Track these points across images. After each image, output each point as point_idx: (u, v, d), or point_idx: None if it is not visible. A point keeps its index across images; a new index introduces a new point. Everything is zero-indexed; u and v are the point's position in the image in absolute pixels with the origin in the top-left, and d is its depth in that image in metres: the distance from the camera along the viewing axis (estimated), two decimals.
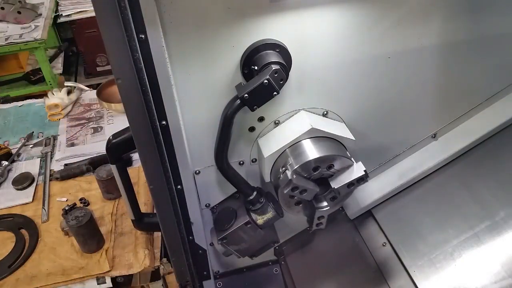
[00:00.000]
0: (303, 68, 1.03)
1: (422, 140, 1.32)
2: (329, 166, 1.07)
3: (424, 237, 1.24)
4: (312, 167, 1.06)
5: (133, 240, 1.52)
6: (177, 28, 0.88)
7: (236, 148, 1.16)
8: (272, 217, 1.19)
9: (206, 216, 1.29)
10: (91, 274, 1.42)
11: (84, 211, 1.42)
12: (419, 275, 1.20)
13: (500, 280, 1.07)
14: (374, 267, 1.32)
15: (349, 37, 1.01)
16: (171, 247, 1.13)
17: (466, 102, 1.27)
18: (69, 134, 2.04)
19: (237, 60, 0.97)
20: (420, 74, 1.14)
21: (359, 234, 1.41)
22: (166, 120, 0.95)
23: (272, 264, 1.59)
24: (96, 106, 2.22)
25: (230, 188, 1.23)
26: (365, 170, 1.07)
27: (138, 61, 0.80)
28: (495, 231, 1.13)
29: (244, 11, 0.90)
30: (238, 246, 1.25)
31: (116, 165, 1.19)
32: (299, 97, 1.09)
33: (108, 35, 0.74)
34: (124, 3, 0.72)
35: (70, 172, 1.79)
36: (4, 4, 2.92)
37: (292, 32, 0.96)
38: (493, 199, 1.18)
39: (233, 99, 1.00)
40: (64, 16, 3.17)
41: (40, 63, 2.94)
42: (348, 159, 1.08)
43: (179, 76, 0.96)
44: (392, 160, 1.35)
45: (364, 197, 1.38)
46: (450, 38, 1.08)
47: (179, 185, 1.09)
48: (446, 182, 1.30)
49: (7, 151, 1.90)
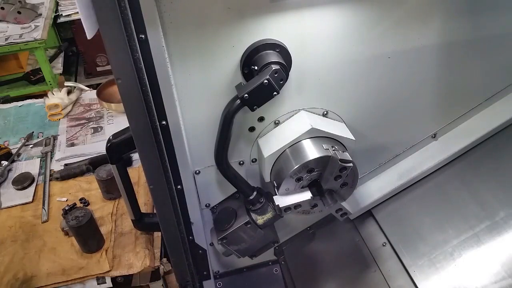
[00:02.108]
0: (303, 68, 1.03)
1: (422, 140, 1.32)
2: (310, 170, 1.08)
3: (424, 237, 1.24)
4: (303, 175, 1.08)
5: (133, 240, 1.52)
6: (177, 28, 0.88)
7: (236, 148, 1.16)
8: (272, 217, 1.19)
9: (206, 216, 1.29)
10: (91, 274, 1.42)
11: (84, 211, 1.42)
12: (419, 275, 1.20)
13: (500, 280, 1.07)
14: (374, 267, 1.32)
15: (349, 37, 1.01)
16: (171, 247, 1.13)
17: (466, 102, 1.27)
18: (69, 134, 2.04)
19: (237, 60, 0.97)
20: (420, 74, 1.14)
21: (359, 234, 1.41)
22: (166, 120, 0.95)
23: (272, 264, 1.59)
24: (96, 106, 2.22)
25: (230, 188, 1.23)
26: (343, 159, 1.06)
27: (138, 61, 0.80)
28: (495, 231, 1.13)
29: (244, 11, 0.90)
30: (238, 246, 1.25)
31: (116, 165, 1.19)
32: (299, 97, 1.09)
33: (108, 35, 0.74)
34: (124, 3, 0.72)
35: (70, 172, 1.79)
36: (4, 4, 2.92)
37: (292, 32, 0.96)
38: (493, 199, 1.18)
39: (233, 99, 1.00)
40: (64, 16, 3.17)
41: (40, 63, 2.94)
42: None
43: (179, 76, 0.96)
44: (392, 160, 1.35)
45: (364, 197, 1.38)
46: (450, 38, 1.08)
47: (179, 185, 1.09)
48: (446, 182, 1.30)
49: (7, 151, 1.90)
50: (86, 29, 0.73)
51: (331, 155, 1.04)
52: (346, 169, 1.05)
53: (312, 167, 1.07)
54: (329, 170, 1.06)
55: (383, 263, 1.30)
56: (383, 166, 1.36)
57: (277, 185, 1.12)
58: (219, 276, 1.56)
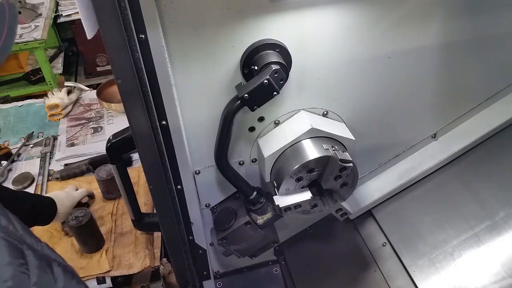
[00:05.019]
0: (303, 68, 1.03)
1: (422, 140, 1.32)
2: (310, 170, 1.08)
3: (424, 237, 1.24)
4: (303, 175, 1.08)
5: (133, 240, 1.52)
6: (177, 28, 0.88)
7: (236, 148, 1.16)
8: (272, 217, 1.19)
9: (206, 216, 1.29)
10: (91, 274, 1.42)
11: (84, 211, 1.42)
12: (419, 275, 1.20)
13: (500, 280, 1.07)
14: (374, 267, 1.32)
15: (349, 37, 1.01)
16: (171, 247, 1.13)
17: (466, 102, 1.27)
18: (69, 134, 2.04)
19: (237, 60, 0.97)
20: (420, 74, 1.14)
21: (359, 234, 1.41)
22: (166, 120, 0.95)
23: (272, 264, 1.60)
24: (96, 106, 2.22)
25: (230, 188, 1.23)
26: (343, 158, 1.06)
27: (138, 61, 0.80)
28: (495, 231, 1.13)
29: (244, 11, 0.90)
30: (238, 246, 1.25)
31: (116, 165, 1.19)
32: (299, 97, 1.09)
33: (108, 35, 0.74)
34: (124, 3, 0.72)
35: (70, 172, 1.79)
36: None
37: (292, 32, 0.96)
38: (493, 199, 1.18)
39: (233, 99, 1.00)
40: (64, 16, 3.17)
41: (40, 63, 2.93)
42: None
43: (179, 76, 0.96)
44: (392, 160, 1.35)
45: (364, 197, 1.38)
46: (450, 38, 1.08)
47: (179, 185, 1.09)
48: (446, 182, 1.30)
49: (7, 151, 1.90)
50: (86, 29, 0.73)
51: (331, 155, 1.04)
52: (346, 169, 1.05)
53: (312, 167, 1.07)
54: (329, 170, 1.06)
55: (383, 263, 1.30)
56: (383, 166, 1.36)
57: (277, 185, 1.12)
58: (219, 276, 1.56)
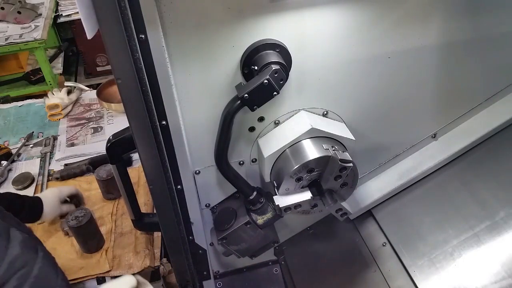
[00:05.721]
0: (303, 68, 1.03)
1: (422, 140, 1.32)
2: (310, 170, 1.08)
3: (424, 237, 1.24)
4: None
5: (133, 240, 1.52)
6: (177, 28, 0.88)
7: (236, 148, 1.16)
8: (272, 217, 1.19)
9: (206, 216, 1.29)
10: (91, 274, 1.42)
11: (84, 211, 1.42)
12: (419, 275, 1.20)
13: (500, 280, 1.07)
14: (374, 267, 1.32)
15: (349, 37, 1.01)
16: (171, 247, 1.13)
17: (466, 102, 1.27)
18: (69, 134, 2.04)
19: (237, 60, 0.97)
20: (420, 74, 1.14)
21: (359, 234, 1.41)
22: (166, 120, 0.95)
23: (272, 264, 1.59)
24: (96, 106, 2.22)
25: (230, 188, 1.23)
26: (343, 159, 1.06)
27: (138, 61, 0.80)
28: (495, 231, 1.13)
29: (244, 11, 0.90)
30: (238, 246, 1.25)
31: (116, 165, 1.19)
32: (299, 97, 1.09)
33: (108, 35, 0.74)
34: (124, 3, 0.72)
35: (70, 172, 1.79)
36: (4, 4, 2.92)
37: (292, 32, 0.96)
38: (493, 199, 1.18)
39: (233, 99, 1.00)
40: (64, 16, 3.17)
41: (40, 63, 2.93)
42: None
43: (179, 76, 0.96)
44: (392, 160, 1.35)
45: (364, 197, 1.38)
46: (449, 38, 1.08)
47: (179, 185, 1.09)
48: (446, 182, 1.30)
49: (7, 151, 1.90)
50: (86, 29, 0.73)
51: (331, 155, 1.04)
52: (346, 169, 1.05)
53: (312, 167, 1.07)
54: (329, 170, 1.06)
55: (383, 263, 1.30)
56: (383, 166, 1.36)
57: (277, 185, 1.12)
58: (219, 276, 1.56)
